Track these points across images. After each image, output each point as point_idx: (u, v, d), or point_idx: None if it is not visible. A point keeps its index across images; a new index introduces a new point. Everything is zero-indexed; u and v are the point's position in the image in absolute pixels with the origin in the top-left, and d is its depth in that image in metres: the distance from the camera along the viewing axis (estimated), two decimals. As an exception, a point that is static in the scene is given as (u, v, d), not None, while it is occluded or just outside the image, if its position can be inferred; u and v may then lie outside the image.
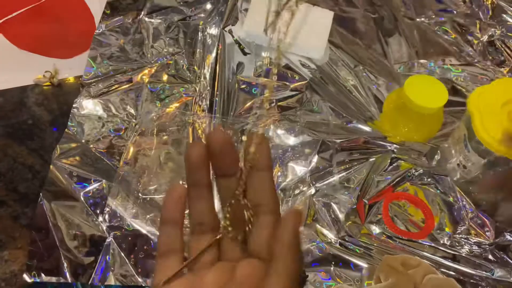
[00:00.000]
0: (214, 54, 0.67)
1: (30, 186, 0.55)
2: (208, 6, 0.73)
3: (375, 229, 0.54)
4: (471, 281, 0.51)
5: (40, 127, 0.60)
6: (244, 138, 0.59)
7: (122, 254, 0.51)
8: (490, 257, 0.53)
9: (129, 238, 0.52)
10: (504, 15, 0.75)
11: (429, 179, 0.58)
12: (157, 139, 0.59)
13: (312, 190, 0.56)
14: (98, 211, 0.53)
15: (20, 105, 0.62)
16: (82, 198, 0.54)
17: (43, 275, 0.49)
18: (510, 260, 0.53)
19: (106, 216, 0.53)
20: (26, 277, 0.49)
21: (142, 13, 0.70)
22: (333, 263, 0.52)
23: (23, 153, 0.58)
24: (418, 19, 0.74)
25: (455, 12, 0.75)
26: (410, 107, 0.55)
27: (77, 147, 0.58)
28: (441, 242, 0.54)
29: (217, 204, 0.29)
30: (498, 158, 0.51)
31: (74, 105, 0.61)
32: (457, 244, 0.54)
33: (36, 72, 0.64)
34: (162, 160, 0.58)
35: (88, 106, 0.61)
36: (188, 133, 0.60)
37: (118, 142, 0.59)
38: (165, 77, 0.65)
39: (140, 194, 0.55)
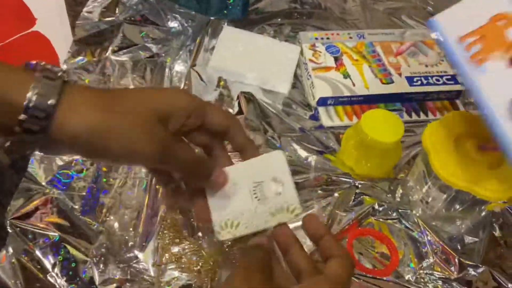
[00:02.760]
0: (180, 91, 0.67)
1: (-14, 232, 0.54)
2: (176, 44, 0.73)
3: (339, 267, 0.54)
4: (436, 318, 0.51)
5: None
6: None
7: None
8: (455, 292, 0.53)
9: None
10: None
11: (393, 214, 0.58)
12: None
13: (276, 229, 0.55)
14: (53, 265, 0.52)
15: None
16: (38, 252, 0.53)
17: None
18: (475, 296, 0.53)
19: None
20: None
21: (109, 50, 0.71)
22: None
23: (-20, 197, 0.57)
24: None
25: None
26: (369, 143, 0.55)
27: (36, 191, 0.57)
28: (406, 278, 0.53)
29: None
30: (459, 192, 0.51)
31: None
32: (422, 280, 0.53)
33: None
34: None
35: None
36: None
37: (78, 184, 0.58)
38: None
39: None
